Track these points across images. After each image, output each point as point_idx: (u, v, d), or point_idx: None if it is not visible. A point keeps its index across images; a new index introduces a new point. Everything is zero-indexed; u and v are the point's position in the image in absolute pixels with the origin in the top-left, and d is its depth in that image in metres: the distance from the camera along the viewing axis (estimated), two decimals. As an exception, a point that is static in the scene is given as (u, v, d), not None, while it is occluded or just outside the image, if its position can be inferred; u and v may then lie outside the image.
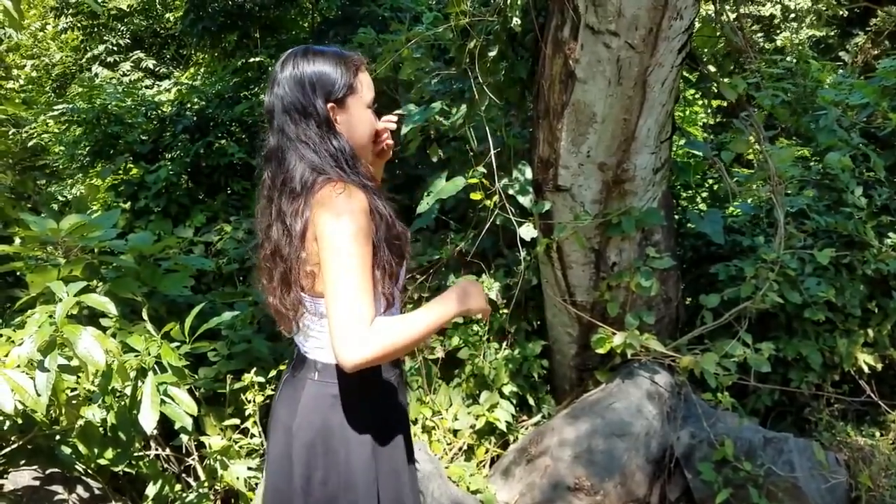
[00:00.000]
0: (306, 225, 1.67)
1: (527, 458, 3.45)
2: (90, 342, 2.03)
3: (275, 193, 1.75)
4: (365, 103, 1.83)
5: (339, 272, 1.59)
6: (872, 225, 3.81)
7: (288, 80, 1.75)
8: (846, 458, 3.37)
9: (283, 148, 1.74)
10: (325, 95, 1.75)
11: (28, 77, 12.15)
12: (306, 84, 1.73)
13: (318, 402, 1.79)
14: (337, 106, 1.77)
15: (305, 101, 1.73)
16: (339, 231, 1.60)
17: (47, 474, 2.53)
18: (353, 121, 1.81)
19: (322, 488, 1.77)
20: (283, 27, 7.65)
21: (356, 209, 1.64)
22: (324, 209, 1.63)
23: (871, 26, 12.04)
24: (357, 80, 1.80)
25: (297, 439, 1.79)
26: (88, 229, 3.07)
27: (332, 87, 1.75)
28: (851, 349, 3.75)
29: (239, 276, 5.36)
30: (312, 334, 1.83)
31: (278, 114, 1.75)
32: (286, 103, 1.74)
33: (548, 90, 3.40)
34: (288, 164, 1.73)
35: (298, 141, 1.73)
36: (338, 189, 1.64)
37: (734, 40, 3.56)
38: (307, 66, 1.75)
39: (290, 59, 1.78)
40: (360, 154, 1.85)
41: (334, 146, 1.74)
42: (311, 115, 1.73)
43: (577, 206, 3.55)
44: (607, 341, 3.45)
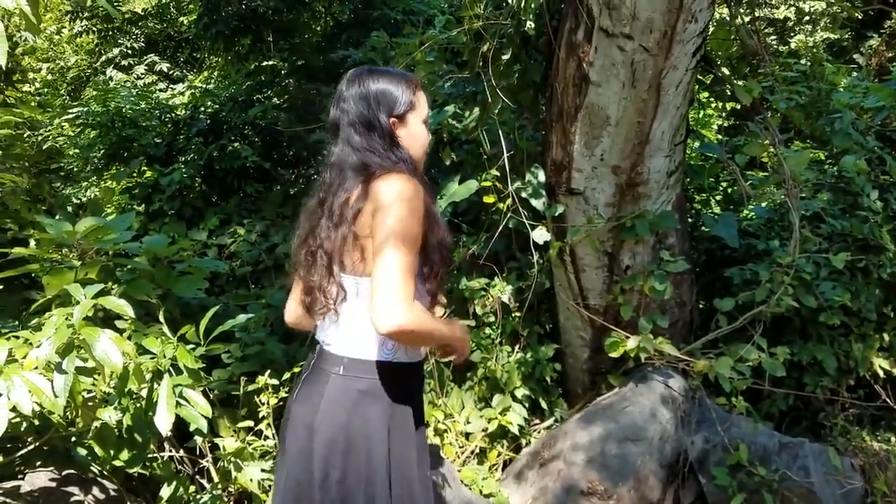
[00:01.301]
0: (362, 207, 1.78)
1: (539, 462, 3.44)
2: (108, 344, 2.04)
3: (330, 195, 1.87)
4: (422, 119, 1.98)
5: (396, 244, 1.70)
6: (888, 229, 3.79)
7: (354, 97, 1.90)
8: (861, 463, 3.34)
9: (347, 156, 1.88)
10: (388, 111, 1.89)
11: (43, 80, 12.25)
12: (371, 100, 1.89)
13: (343, 397, 1.82)
14: (398, 121, 1.92)
15: (370, 115, 1.88)
16: (403, 210, 1.72)
17: (63, 475, 2.55)
18: (411, 135, 1.95)
19: (339, 486, 1.79)
20: (295, 31, 7.67)
21: (418, 198, 1.77)
22: (389, 189, 1.75)
23: (886, 28, 11.96)
24: (416, 98, 1.95)
25: (319, 434, 1.81)
26: (104, 232, 3.08)
27: (395, 104, 1.91)
28: (867, 353, 3.73)
29: (252, 278, 5.38)
30: (345, 323, 1.86)
31: (344, 126, 1.90)
32: (352, 117, 1.89)
33: (561, 93, 3.40)
34: (349, 169, 1.86)
35: (363, 150, 1.86)
36: (404, 176, 1.78)
37: (749, 43, 3.54)
38: (372, 84, 1.90)
39: (355, 77, 1.93)
40: (416, 165, 1.97)
41: (396, 154, 1.88)
42: (375, 128, 1.88)
43: (590, 210, 3.55)
44: (621, 345, 3.44)
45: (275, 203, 6.26)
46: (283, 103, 7.23)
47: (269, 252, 5.47)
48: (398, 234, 1.70)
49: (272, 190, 6.45)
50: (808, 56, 6.05)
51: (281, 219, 6.07)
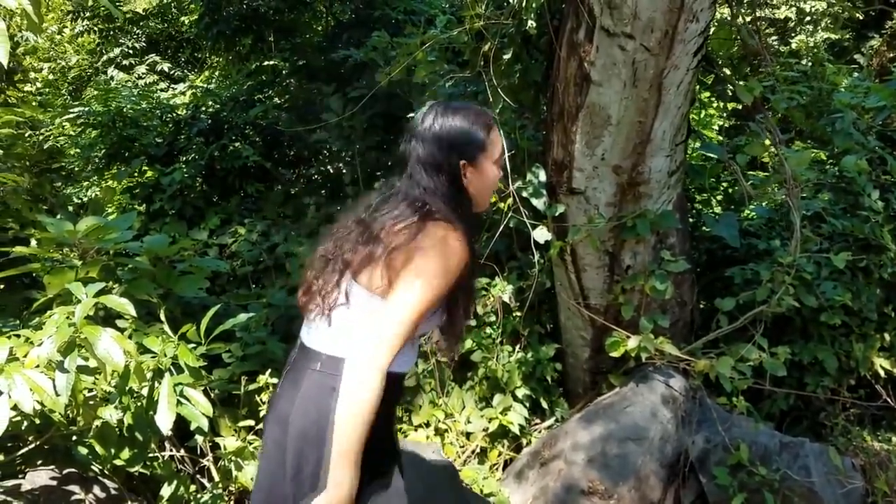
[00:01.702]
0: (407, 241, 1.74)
1: (540, 462, 3.44)
2: (110, 343, 2.04)
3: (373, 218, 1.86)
4: (493, 159, 1.94)
5: (415, 295, 1.70)
6: (889, 228, 3.79)
7: (426, 134, 1.88)
8: (862, 463, 3.34)
9: (409, 191, 1.86)
10: (458, 153, 1.87)
11: (45, 80, 12.24)
12: (443, 141, 1.86)
13: (318, 393, 1.80)
14: (468, 163, 1.89)
15: (440, 156, 1.86)
16: (438, 264, 1.72)
17: (64, 474, 2.55)
18: (481, 176, 1.92)
19: (312, 479, 1.77)
20: (297, 31, 7.66)
21: (459, 257, 1.76)
22: (440, 241, 1.74)
23: (887, 29, 11.95)
24: (489, 139, 1.92)
25: (293, 427, 1.81)
26: (105, 231, 3.08)
27: (467, 146, 1.88)
28: (867, 353, 3.73)
29: (253, 278, 5.38)
30: (336, 324, 1.84)
31: (412, 163, 1.88)
32: (421, 155, 1.87)
33: (562, 93, 3.40)
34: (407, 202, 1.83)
35: (426, 190, 1.84)
36: (458, 234, 1.76)
37: (750, 43, 3.54)
38: (446, 122, 1.88)
39: (430, 113, 1.91)
40: (479, 204, 1.98)
41: (457, 199, 1.87)
42: (443, 170, 1.86)
43: (591, 209, 3.55)
44: (621, 345, 3.44)
45: (276, 203, 6.26)
46: (285, 103, 7.23)
47: (270, 252, 5.47)
48: (426, 284, 1.71)
49: (273, 190, 6.45)
50: (808, 56, 6.05)
51: (282, 218, 6.08)
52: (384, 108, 5.95)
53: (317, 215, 5.87)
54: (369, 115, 5.91)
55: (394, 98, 5.80)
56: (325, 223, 5.79)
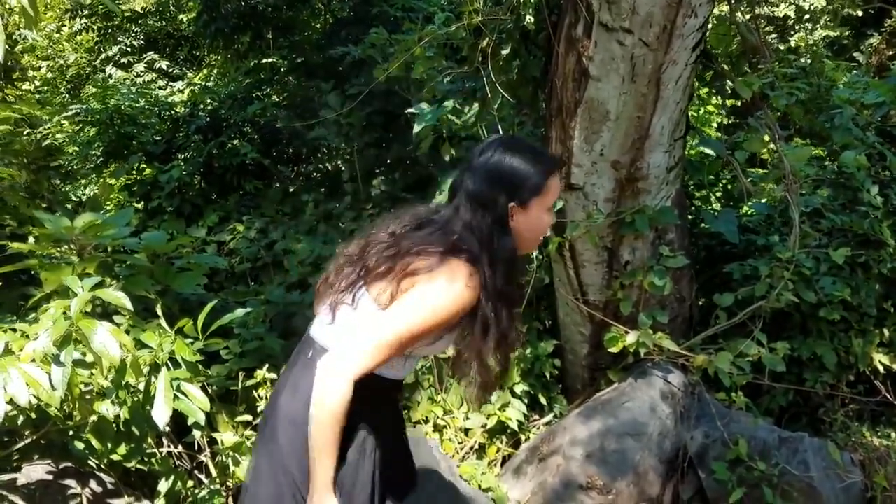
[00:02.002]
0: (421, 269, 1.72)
1: (538, 457, 3.44)
2: (106, 337, 2.03)
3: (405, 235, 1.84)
4: (547, 206, 1.86)
5: (404, 320, 1.69)
6: (888, 224, 3.78)
7: (481, 168, 1.80)
8: (861, 458, 3.34)
9: (449, 222, 1.81)
10: (510, 194, 1.78)
11: (43, 78, 12.24)
12: (496, 179, 1.78)
13: (306, 378, 1.79)
14: (519, 206, 1.80)
15: (490, 194, 1.77)
16: (438, 300, 1.69)
17: (60, 468, 2.54)
18: (529, 222, 1.84)
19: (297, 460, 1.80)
20: (295, 28, 7.67)
21: (462, 299, 1.71)
22: (447, 275, 1.70)
23: (886, 27, 11.95)
24: (546, 184, 1.82)
25: (281, 410, 1.85)
26: (102, 227, 3.07)
27: (520, 189, 1.79)
28: (867, 349, 3.72)
29: (251, 275, 5.38)
30: (338, 321, 1.85)
31: (461, 194, 1.81)
32: (471, 189, 1.79)
33: (561, 88, 3.39)
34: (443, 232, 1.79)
35: (466, 226, 1.78)
36: (473, 277, 1.72)
37: (749, 38, 3.54)
38: (504, 160, 1.79)
39: (490, 146, 1.83)
40: (523, 247, 1.91)
41: (498, 244, 1.78)
42: (489, 209, 1.77)
43: (589, 205, 3.54)
44: (620, 340, 3.44)
45: (274, 200, 6.26)
46: (283, 101, 7.24)
47: (269, 249, 5.47)
48: (419, 314, 1.69)
49: (271, 187, 6.45)
50: (808, 54, 6.05)
51: (280, 215, 6.07)
52: (382, 105, 5.96)
53: (315, 212, 5.87)
54: (367, 113, 5.92)
55: (392, 95, 5.81)
56: (323, 220, 5.80)
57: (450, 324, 1.75)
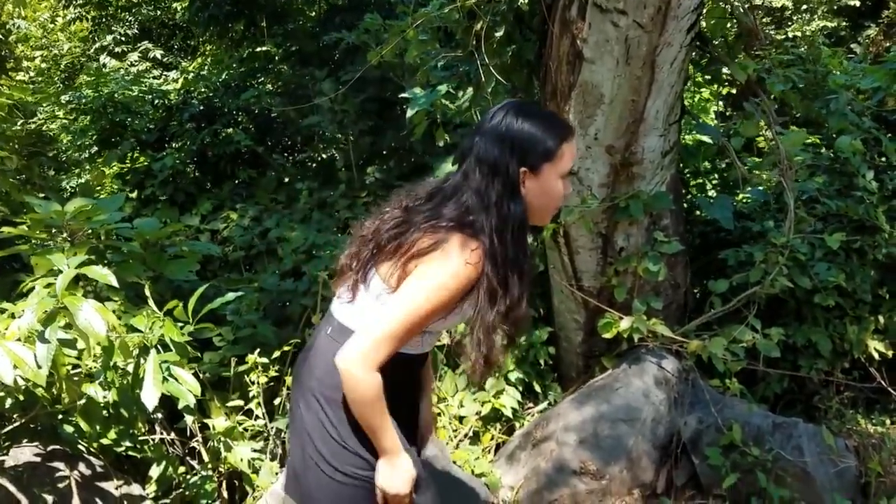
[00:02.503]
0: (427, 248, 1.70)
1: (532, 443, 3.42)
2: (91, 313, 2.01)
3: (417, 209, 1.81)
4: (560, 173, 1.79)
5: (411, 303, 1.68)
6: (884, 209, 3.76)
7: (491, 133, 1.75)
8: (856, 444, 3.32)
9: (458, 189, 1.77)
10: (520, 159, 1.73)
11: (37, 68, 12.18)
12: (506, 142, 1.73)
13: (325, 355, 1.83)
14: (530, 171, 1.75)
15: (501, 159, 1.72)
16: (443, 279, 1.67)
17: (49, 451, 2.52)
18: (542, 188, 1.78)
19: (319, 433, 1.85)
20: (289, 16, 7.63)
21: (468, 279, 1.68)
22: (449, 251, 1.68)
23: (883, 18, 11.94)
24: (560, 150, 1.76)
25: (302, 384, 1.92)
26: (93, 212, 3.05)
27: (532, 153, 1.73)
28: (862, 336, 3.71)
29: (245, 263, 5.36)
30: (357, 301, 1.87)
31: (470, 159, 1.77)
32: (481, 153, 1.74)
33: (555, 71, 3.37)
34: (452, 201, 1.76)
35: (476, 192, 1.73)
36: (475, 253, 1.68)
37: (745, 21, 3.51)
38: (515, 123, 1.74)
39: (502, 110, 1.78)
40: (536, 217, 1.85)
41: (508, 210, 1.73)
42: (500, 173, 1.73)
43: (584, 190, 3.52)
44: (614, 325, 3.42)
45: (268, 188, 6.24)
46: (277, 88, 7.20)
47: (262, 237, 5.45)
48: (425, 294, 1.67)
49: (265, 175, 6.42)
50: (804, 44, 6.03)
51: (274, 204, 6.05)
52: (377, 92, 5.93)
53: (309, 200, 5.84)
54: (362, 100, 5.89)
55: (386, 83, 5.78)
56: (317, 208, 5.77)
57: (456, 299, 1.71)
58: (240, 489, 3.27)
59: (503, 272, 1.72)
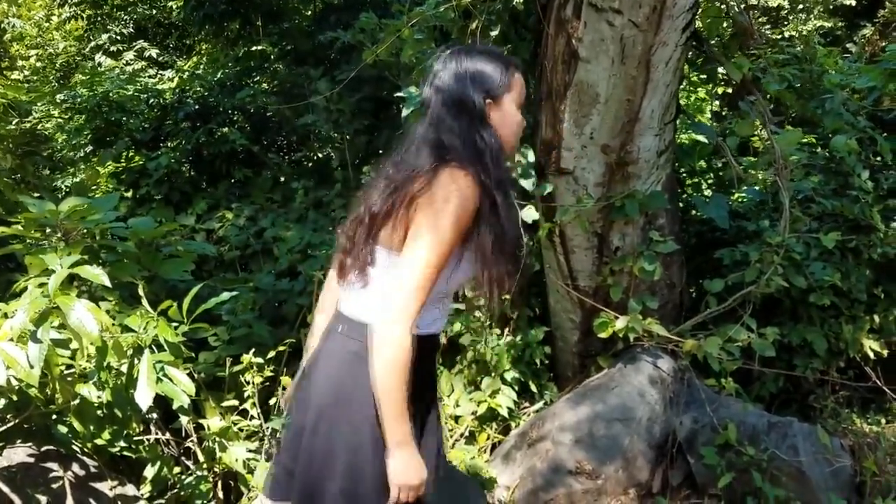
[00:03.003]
0: (421, 189, 1.74)
1: (528, 443, 3.42)
2: (83, 313, 2.00)
3: (397, 170, 1.84)
4: (517, 102, 1.91)
5: (429, 246, 1.70)
6: (879, 209, 3.77)
7: (449, 75, 1.85)
8: (851, 443, 3.33)
9: (431, 136, 1.83)
10: (483, 92, 1.83)
11: (33, 67, 12.14)
12: (467, 80, 1.83)
13: (338, 355, 1.87)
14: (493, 102, 1.86)
15: (465, 95, 1.82)
16: (448, 209, 1.70)
17: (42, 452, 2.51)
18: (505, 117, 1.89)
19: (325, 439, 1.83)
20: (285, 15, 7.61)
21: (471, 200, 1.73)
22: (444, 185, 1.72)
23: (879, 18, 11.96)
24: (513, 81, 1.89)
25: (314, 386, 1.90)
26: (88, 211, 3.03)
27: (491, 85, 1.84)
28: (857, 335, 3.71)
29: (241, 262, 5.34)
30: (357, 286, 1.89)
31: (436, 105, 1.85)
32: (445, 96, 1.84)
33: (550, 71, 3.36)
34: (428, 148, 1.81)
35: (450, 131, 1.81)
36: (466, 177, 1.73)
37: (740, 20, 3.51)
38: (469, 63, 1.85)
39: (452, 56, 1.88)
40: (506, 148, 1.93)
41: (484, 139, 1.82)
42: (467, 108, 1.82)
43: (579, 190, 3.52)
44: (610, 325, 3.42)
45: (263, 188, 6.22)
46: (273, 88, 7.19)
47: (258, 236, 5.43)
48: (434, 233, 1.70)
49: (261, 175, 6.41)
50: (800, 43, 6.03)
51: (270, 203, 6.04)
52: (372, 92, 5.92)
53: (305, 200, 5.83)
54: (357, 99, 5.88)
55: (382, 82, 5.76)
56: (313, 208, 5.76)
57: (465, 227, 1.74)
58: (235, 490, 3.26)
59: (491, 196, 1.79)
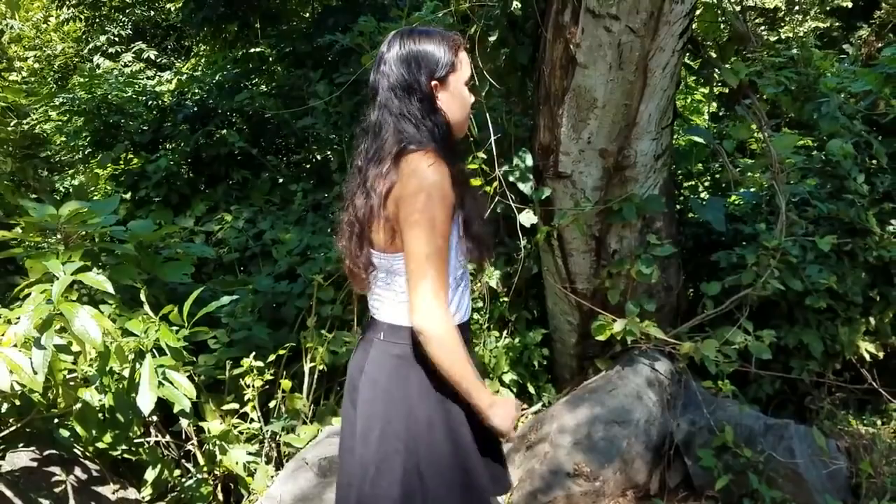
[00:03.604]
0: (392, 185, 1.77)
1: (526, 445, 3.44)
2: (86, 319, 2.02)
3: (366, 163, 1.86)
4: (464, 80, 1.92)
5: (422, 234, 1.73)
6: (874, 212, 3.79)
7: (394, 59, 1.85)
8: (847, 445, 3.35)
9: (384, 122, 1.84)
10: (429, 73, 1.84)
11: (30, 69, 12.14)
12: (412, 62, 1.84)
13: (382, 361, 1.89)
14: (439, 83, 1.86)
15: (410, 78, 1.83)
16: (428, 196, 1.73)
17: (44, 456, 2.52)
18: (453, 98, 1.90)
19: (378, 445, 1.84)
20: (283, 16, 7.62)
21: (444, 178, 1.75)
22: (413, 174, 1.75)
23: (875, 19, 11.99)
24: (458, 59, 1.90)
25: (361, 395, 1.90)
26: (88, 215, 3.05)
27: (436, 66, 1.85)
28: (853, 337, 3.74)
29: (240, 265, 5.35)
30: (378, 292, 1.93)
31: (383, 90, 1.85)
32: (392, 81, 1.84)
33: (548, 76, 3.39)
34: (384, 135, 1.83)
35: (400, 116, 1.82)
36: (429, 158, 1.76)
37: (737, 25, 3.54)
38: (413, 45, 1.85)
39: (395, 39, 1.88)
40: (456, 128, 1.94)
41: (433, 121, 1.84)
42: (414, 91, 1.83)
43: (577, 193, 3.54)
44: (607, 328, 3.44)
45: (262, 190, 6.22)
46: (271, 90, 7.19)
47: (257, 238, 5.43)
48: (424, 222, 1.72)
49: (260, 177, 6.41)
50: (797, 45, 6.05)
51: (269, 205, 6.04)
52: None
53: (304, 202, 5.83)
54: (356, 102, 5.88)
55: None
56: (312, 210, 5.76)
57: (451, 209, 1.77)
58: (235, 492, 3.28)
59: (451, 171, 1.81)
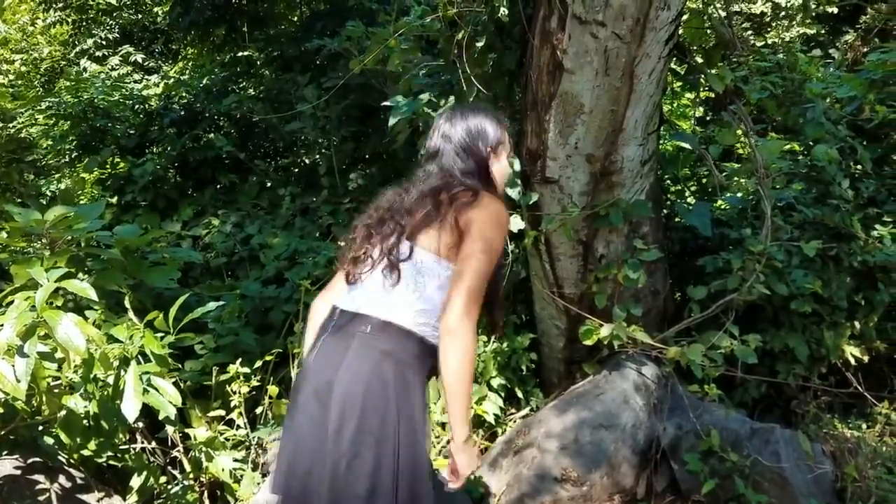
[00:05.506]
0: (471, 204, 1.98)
1: (514, 450, 3.44)
2: (70, 327, 2.01)
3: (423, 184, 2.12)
4: (508, 154, 2.30)
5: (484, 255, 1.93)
6: (859, 217, 3.82)
7: (458, 129, 2.20)
8: (832, 449, 3.37)
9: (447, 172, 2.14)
10: (486, 143, 2.21)
11: (17, 72, 12.06)
12: (475, 132, 2.20)
13: (367, 354, 1.92)
14: (493, 152, 2.22)
15: (472, 145, 2.18)
16: (495, 235, 1.98)
17: (28, 463, 2.50)
18: (501, 166, 2.26)
19: (351, 441, 1.85)
20: (271, 20, 7.61)
21: (505, 225, 2.07)
22: (491, 204, 2.02)
23: (861, 24, 12.08)
24: (505, 134, 2.28)
25: (338, 388, 1.90)
26: (73, 220, 3.03)
27: (491, 138, 2.22)
28: (838, 341, 3.76)
29: (227, 269, 5.34)
30: (391, 286, 1.98)
31: (447, 153, 2.18)
32: (456, 145, 2.18)
33: (535, 81, 3.39)
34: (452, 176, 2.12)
35: (463, 172, 2.14)
36: (501, 204, 2.06)
37: (722, 32, 3.55)
38: (472, 119, 2.22)
39: (457, 114, 2.25)
40: (498, 189, 2.28)
41: (488, 182, 2.18)
42: (475, 154, 2.18)
43: (565, 198, 3.55)
44: (594, 332, 3.44)
45: (250, 194, 6.21)
46: (259, 94, 7.18)
47: (244, 243, 5.43)
48: (487, 244, 1.93)
49: (247, 181, 6.40)
50: (783, 49, 6.09)
51: (256, 209, 6.03)
52: (359, 98, 5.93)
53: (292, 206, 5.83)
54: (344, 106, 5.89)
55: (369, 89, 5.78)
56: (300, 214, 5.76)
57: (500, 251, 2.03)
58: (221, 499, 3.26)
59: None
